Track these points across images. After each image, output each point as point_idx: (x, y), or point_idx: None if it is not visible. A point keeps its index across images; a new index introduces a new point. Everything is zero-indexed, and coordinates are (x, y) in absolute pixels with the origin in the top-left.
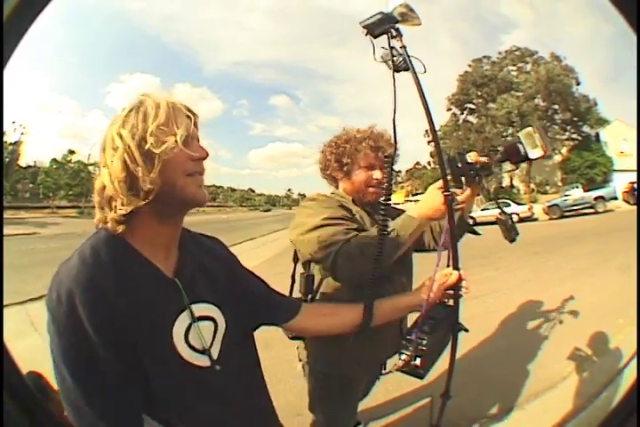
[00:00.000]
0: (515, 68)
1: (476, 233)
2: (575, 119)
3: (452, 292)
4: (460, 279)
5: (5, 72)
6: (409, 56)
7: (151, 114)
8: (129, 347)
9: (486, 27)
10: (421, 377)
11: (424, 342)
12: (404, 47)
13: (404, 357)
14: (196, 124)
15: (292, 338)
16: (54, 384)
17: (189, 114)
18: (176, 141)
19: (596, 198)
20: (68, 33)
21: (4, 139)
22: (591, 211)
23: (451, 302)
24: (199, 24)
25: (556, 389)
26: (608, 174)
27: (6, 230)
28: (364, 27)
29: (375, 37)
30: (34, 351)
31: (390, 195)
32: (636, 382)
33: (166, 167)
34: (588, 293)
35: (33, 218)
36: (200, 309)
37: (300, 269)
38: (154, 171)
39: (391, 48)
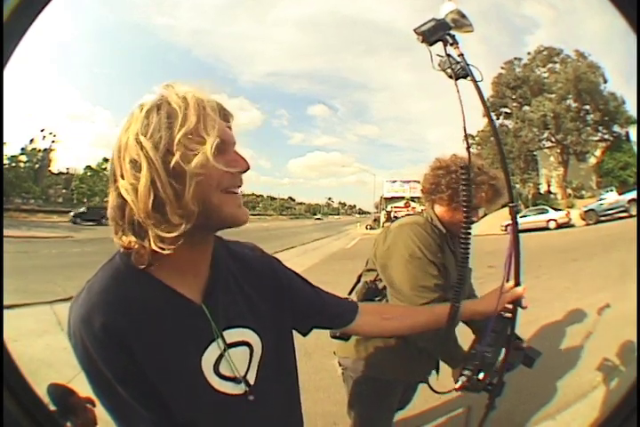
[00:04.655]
0: (545, 69)
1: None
2: (606, 119)
3: (511, 305)
4: (523, 293)
5: (35, 81)
6: (467, 64)
7: (178, 116)
8: (149, 381)
9: (510, 28)
10: (488, 391)
11: (488, 355)
12: (461, 55)
13: (466, 372)
14: (230, 127)
15: (334, 337)
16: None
17: (223, 112)
18: (207, 156)
19: (629, 201)
20: (97, 45)
21: (34, 146)
22: (625, 215)
23: (507, 315)
24: (229, 38)
25: (586, 398)
26: None
27: (39, 233)
28: (418, 33)
29: (430, 45)
30: (54, 349)
31: (471, 222)
32: (636, 382)
33: (198, 183)
34: (624, 299)
35: (66, 222)
36: (232, 334)
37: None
38: (186, 191)
39: (448, 55)
